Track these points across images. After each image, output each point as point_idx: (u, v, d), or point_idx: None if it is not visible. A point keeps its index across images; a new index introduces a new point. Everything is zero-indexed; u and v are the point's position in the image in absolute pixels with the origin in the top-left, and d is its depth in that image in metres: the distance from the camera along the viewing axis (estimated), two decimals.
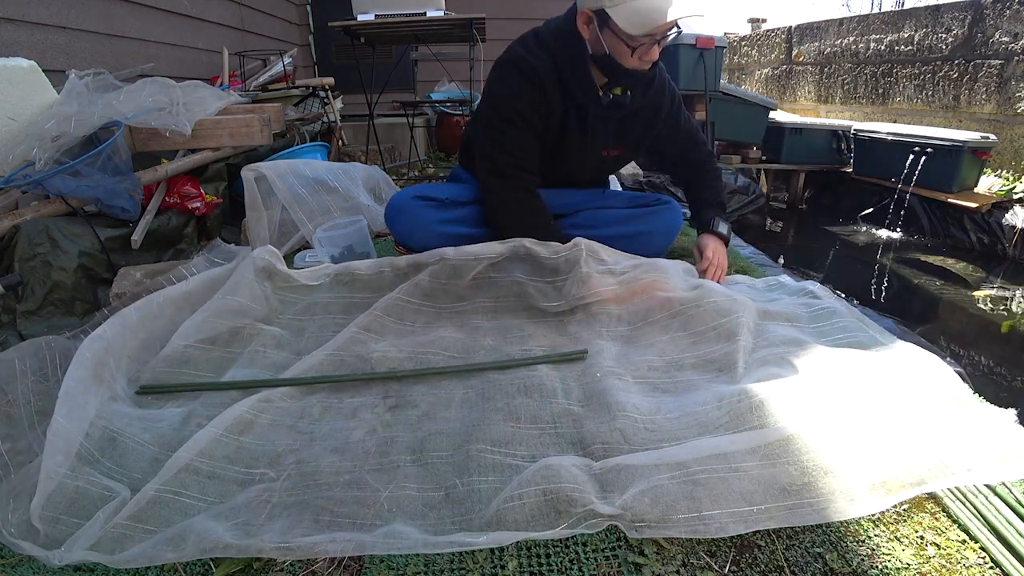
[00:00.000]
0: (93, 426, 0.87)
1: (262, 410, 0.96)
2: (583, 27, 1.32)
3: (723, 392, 0.96)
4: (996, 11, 3.61)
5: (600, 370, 1.05)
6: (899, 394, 0.94)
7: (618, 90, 1.42)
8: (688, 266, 1.48)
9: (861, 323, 1.22)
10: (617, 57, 1.31)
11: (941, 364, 1.02)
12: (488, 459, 0.84)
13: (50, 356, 1.07)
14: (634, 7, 1.22)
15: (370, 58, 3.30)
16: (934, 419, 0.89)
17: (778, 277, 1.53)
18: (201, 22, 3.21)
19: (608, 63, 1.33)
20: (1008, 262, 3.14)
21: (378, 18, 2.80)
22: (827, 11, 20.76)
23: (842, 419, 0.88)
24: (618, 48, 1.29)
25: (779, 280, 1.51)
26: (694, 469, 0.79)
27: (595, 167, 1.61)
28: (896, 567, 0.68)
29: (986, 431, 0.87)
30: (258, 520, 0.75)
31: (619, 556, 0.70)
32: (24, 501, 0.74)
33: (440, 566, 0.69)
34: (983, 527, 0.73)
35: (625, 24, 1.23)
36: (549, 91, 1.38)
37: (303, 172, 1.92)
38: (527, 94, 1.38)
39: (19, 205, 1.59)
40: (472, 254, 1.31)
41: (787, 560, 0.69)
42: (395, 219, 1.52)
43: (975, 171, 3.47)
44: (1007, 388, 1.95)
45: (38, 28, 2.07)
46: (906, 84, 4.35)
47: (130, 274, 1.56)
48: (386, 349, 1.14)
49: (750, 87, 6.20)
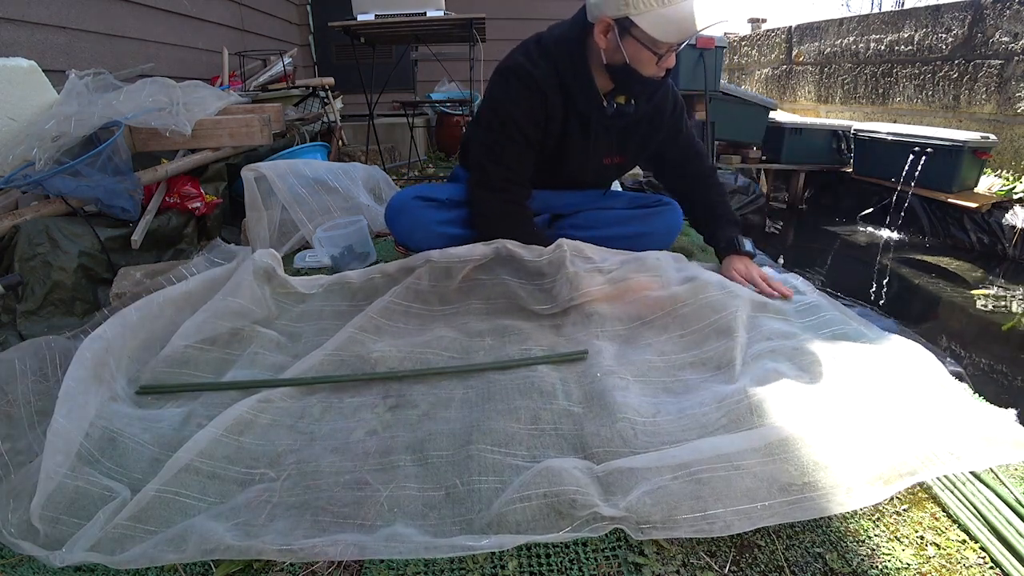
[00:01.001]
0: (93, 426, 0.87)
1: (262, 410, 0.96)
2: (600, 36, 1.29)
3: (722, 393, 0.97)
4: (996, 11, 3.61)
5: (600, 370, 1.06)
6: (888, 384, 0.96)
7: (622, 99, 1.42)
8: (678, 255, 1.46)
9: (844, 316, 1.24)
10: (637, 65, 1.29)
11: (926, 353, 1.04)
12: (488, 459, 0.84)
13: (50, 356, 1.07)
14: (663, 14, 1.21)
15: (370, 58, 3.30)
16: (922, 408, 0.90)
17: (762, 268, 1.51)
18: (201, 22, 3.21)
19: (625, 72, 1.32)
20: (1008, 262, 3.14)
21: (378, 18, 2.80)
22: (827, 11, 20.76)
23: (837, 413, 0.89)
24: (639, 56, 1.28)
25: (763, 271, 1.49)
26: (696, 469, 0.79)
27: (596, 173, 1.59)
28: (896, 567, 0.68)
29: (972, 419, 0.88)
30: (258, 520, 0.75)
31: (619, 556, 0.70)
32: (24, 501, 0.74)
33: (440, 566, 0.69)
34: (983, 527, 0.73)
35: (654, 31, 1.22)
36: (550, 98, 1.36)
37: (303, 172, 1.92)
38: (525, 102, 1.36)
39: (19, 205, 1.59)
40: (457, 256, 1.32)
41: (787, 560, 0.69)
42: (395, 219, 1.51)
43: (975, 171, 3.47)
44: (1007, 388, 1.95)
45: (38, 28, 2.07)
46: (906, 84, 4.35)
47: (130, 274, 1.56)
48: (386, 349, 1.14)
49: (750, 87, 6.20)
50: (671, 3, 1.21)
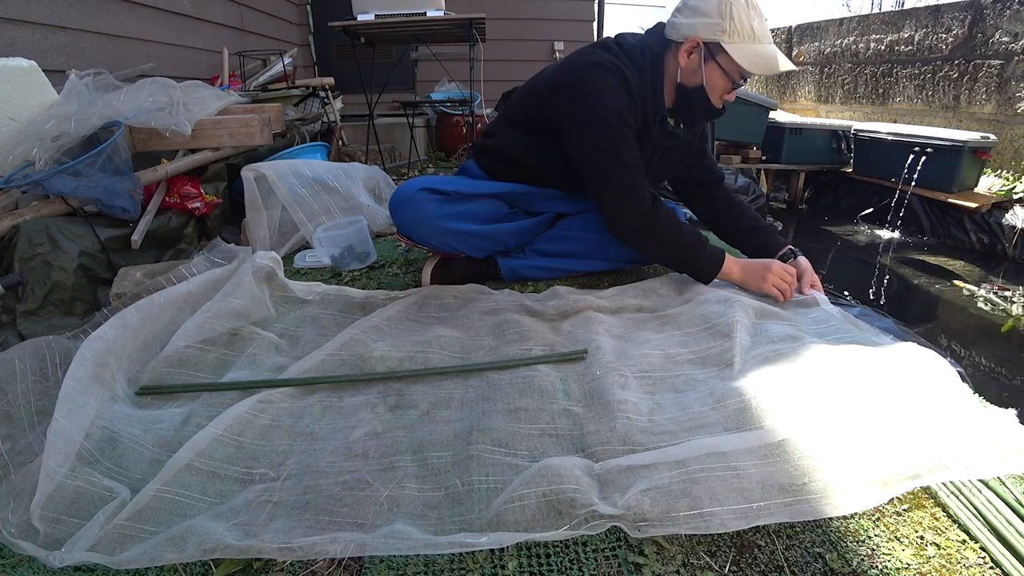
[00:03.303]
0: (93, 426, 0.87)
1: (262, 410, 0.96)
2: (683, 55, 1.34)
3: (722, 391, 0.97)
4: (996, 11, 3.61)
5: (600, 367, 1.06)
6: (894, 389, 0.95)
7: (672, 121, 1.45)
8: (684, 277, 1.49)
9: (857, 328, 1.24)
10: (710, 90, 1.35)
11: (938, 359, 1.02)
12: (488, 459, 0.84)
13: (50, 356, 1.07)
14: (754, 48, 1.29)
15: (370, 58, 3.30)
16: (930, 414, 0.89)
17: None
18: (201, 22, 3.21)
19: (695, 95, 1.36)
20: (1008, 262, 3.14)
21: (378, 18, 2.80)
22: (827, 11, 20.75)
23: (838, 416, 0.89)
24: (716, 82, 1.34)
25: None
26: (693, 468, 0.79)
27: None
28: (896, 567, 0.68)
29: (981, 426, 0.87)
30: (258, 520, 0.75)
31: (619, 556, 0.70)
32: (24, 501, 0.74)
33: (440, 566, 0.69)
34: (983, 527, 0.73)
35: (742, 60, 1.29)
36: (638, 104, 1.37)
37: (303, 172, 1.92)
38: (624, 98, 1.34)
39: (19, 205, 1.59)
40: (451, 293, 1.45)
41: (787, 560, 0.69)
42: (398, 210, 1.44)
43: (975, 171, 3.47)
44: (1007, 388, 1.95)
45: (38, 28, 2.07)
46: (906, 84, 4.35)
47: (130, 274, 1.56)
48: (385, 349, 1.15)
49: (750, 87, 6.20)
50: (761, 41, 1.30)
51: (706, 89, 1.35)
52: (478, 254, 1.54)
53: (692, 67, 1.35)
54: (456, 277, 1.55)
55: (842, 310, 1.34)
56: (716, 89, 1.36)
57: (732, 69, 1.32)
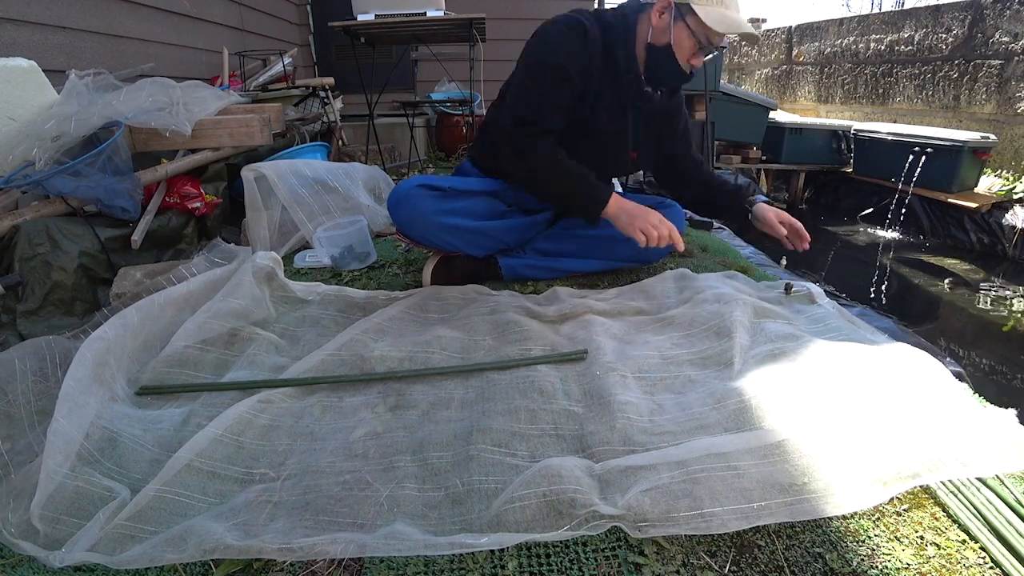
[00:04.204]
0: (93, 426, 0.87)
1: (262, 410, 0.96)
2: (655, 14, 1.38)
3: (721, 391, 0.97)
4: (996, 11, 3.61)
5: (600, 367, 1.06)
6: (893, 388, 0.96)
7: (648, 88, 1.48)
8: (684, 272, 1.49)
9: (853, 326, 1.24)
10: (677, 51, 1.38)
11: (933, 360, 1.03)
12: (488, 459, 0.84)
13: (50, 356, 1.07)
14: (722, 12, 1.33)
15: (370, 58, 3.30)
16: (929, 413, 0.90)
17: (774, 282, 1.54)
18: (201, 22, 3.21)
19: (663, 54, 1.39)
20: (1008, 262, 3.14)
21: (378, 18, 2.80)
22: (827, 11, 20.75)
23: (838, 416, 0.89)
24: (683, 43, 1.37)
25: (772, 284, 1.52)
26: (693, 468, 0.79)
27: (615, 163, 1.62)
28: (896, 567, 0.68)
29: (980, 425, 0.88)
30: (258, 520, 0.75)
31: (619, 556, 0.70)
32: (24, 501, 0.74)
33: (440, 566, 0.69)
34: (983, 527, 0.73)
35: (709, 19, 1.32)
36: (594, 57, 1.40)
37: (303, 172, 1.92)
38: (573, 45, 1.38)
39: (19, 205, 1.59)
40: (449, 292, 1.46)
41: (787, 560, 0.69)
42: (396, 207, 1.47)
43: (975, 171, 3.47)
44: (1007, 388, 1.95)
45: (38, 28, 2.07)
46: (906, 84, 4.35)
47: (130, 274, 1.56)
48: (385, 349, 1.15)
49: (750, 87, 6.20)
50: (728, 7, 1.34)
51: (673, 47, 1.38)
52: (476, 252, 1.55)
53: (662, 27, 1.38)
54: (456, 277, 1.55)
55: (840, 307, 1.35)
56: (683, 49, 1.38)
57: (699, 30, 1.35)
